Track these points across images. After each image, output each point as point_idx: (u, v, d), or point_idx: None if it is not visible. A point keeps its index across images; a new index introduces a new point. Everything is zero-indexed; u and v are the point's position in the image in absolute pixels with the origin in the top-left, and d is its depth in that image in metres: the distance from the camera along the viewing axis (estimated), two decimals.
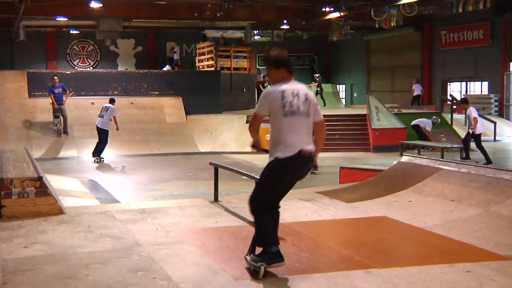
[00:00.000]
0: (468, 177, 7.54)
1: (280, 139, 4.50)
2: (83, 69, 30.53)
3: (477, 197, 7.02)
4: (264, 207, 4.57)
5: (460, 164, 8.21)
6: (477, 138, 15.03)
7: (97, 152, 16.70)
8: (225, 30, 29.24)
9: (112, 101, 17.12)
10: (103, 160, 16.55)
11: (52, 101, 18.63)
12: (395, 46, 30.58)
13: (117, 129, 16.74)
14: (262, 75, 25.72)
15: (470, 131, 15.10)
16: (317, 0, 21.44)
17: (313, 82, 26.91)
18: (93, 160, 16.57)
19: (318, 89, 26.44)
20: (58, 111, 18.66)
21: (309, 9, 23.27)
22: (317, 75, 28.12)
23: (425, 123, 18.34)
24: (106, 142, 16.74)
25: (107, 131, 16.70)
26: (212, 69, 23.65)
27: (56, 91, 18.63)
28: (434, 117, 18.93)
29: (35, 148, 17.46)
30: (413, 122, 18.53)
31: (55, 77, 18.88)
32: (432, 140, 17.93)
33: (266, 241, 4.55)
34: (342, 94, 35.39)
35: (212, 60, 23.99)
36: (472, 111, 14.97)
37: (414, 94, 26.87)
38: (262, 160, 7.95)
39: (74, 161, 16.97)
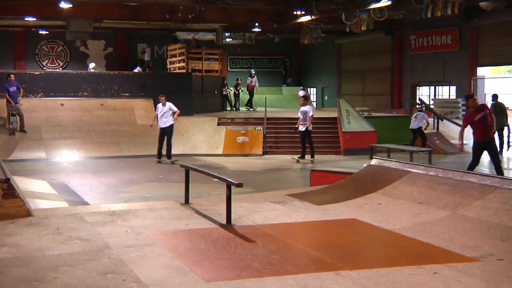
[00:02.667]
0: (436, 180, 7.65)
1: None
2: (52, 70, 30.18)
3: (445, 200, 7.13)
4: None
5: (429, 167, 8.33)
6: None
7: (170, 153, 16.46)
8: (197, 32, 29.19)
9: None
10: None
11: (8, 99, 18.32)
12: (366, 50, 30.86)
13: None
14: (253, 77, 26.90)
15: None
16: (289, 3, 21.52)
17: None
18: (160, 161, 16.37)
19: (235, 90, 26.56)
20: (15, 110, 18.36)
21: (281, 12, 23.34)
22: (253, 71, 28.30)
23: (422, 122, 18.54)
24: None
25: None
26: (184, 71, 23.56)
27: (11, 89, 18.34)
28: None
29: None
30: (414, 126, 18.60)
31: (11, 76, 18.59)
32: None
33: None
34: (313, 97, 35.59)
35: (184, 62, 23.92)
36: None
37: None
38: (233, 163, 7.96)
39: (42, 163, 16.75)
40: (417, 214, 6.97)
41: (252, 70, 28.86)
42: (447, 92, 26.27)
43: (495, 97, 18.70)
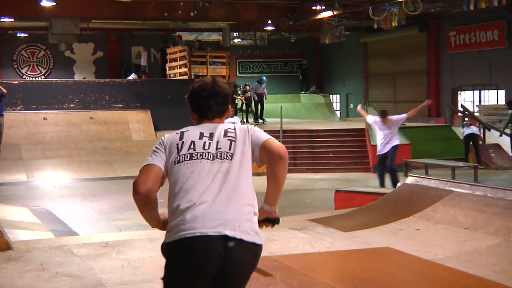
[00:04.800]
0: (484, 201, 7.59)
1: None
2: (33, 79, 30.39)
3: (495, 224, 7.07)
4: None
5: (475, 185, 8.28)
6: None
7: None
8: (200, 32, 29.33)
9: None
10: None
11: None
12: (397, 50, 30.84)
13: None
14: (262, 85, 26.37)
15: None
16: None
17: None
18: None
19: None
20: None
21: (298, 8, 23.44)
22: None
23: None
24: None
25: None
26: (186, 77, 23.67)
27: None
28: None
29: None
30: (468, 132, 18.54)
31: None
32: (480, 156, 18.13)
33: None
34: (336, 106, 35.59)
35: (186, 67, 24.03)
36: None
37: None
38: None
39: (22, 187, 16.81)
40: (463, 242, 6.92)
41: (264, 78, 27.39)
42: (494, 97, 26.16)
43: (510, 104, 18.65)
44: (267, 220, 3.58)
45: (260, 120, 26.09)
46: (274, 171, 3.49)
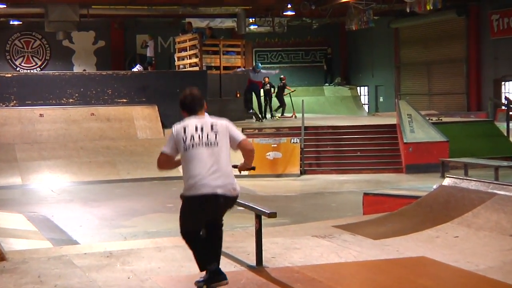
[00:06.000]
0: None
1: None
2: (28, 71, 30.56)
3: None
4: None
5: None
6: None
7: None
8: (212, 18, 29.36)
9: None
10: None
11: None
12: (433, 36, 30.70)
13: None
14: (258, 72, 24.95)
15: None
16: None
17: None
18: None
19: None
20: None
21: None
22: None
23: None
24: None
25: None
26: (196, 68, 23.69)
27: None
28: None
29: None
30: None
31: None
32: None
33: (200, 264, 6.00)
34: (364, 99, 35.50)
35: (196, 57, 24.05)
36: None
37: None
38: (262, 186, 8.00)
39: (17, 191, 16.91)
40: (508, 250, 6.89)
41: (259, 64, 25.29)
42: None
43: None
44: (247, 169, 6.25)
45: (259, 116, 24.38)
46: (249, 158, 6.17)
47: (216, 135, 5.92)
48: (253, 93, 24.42)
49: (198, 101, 6.14)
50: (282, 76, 26.93)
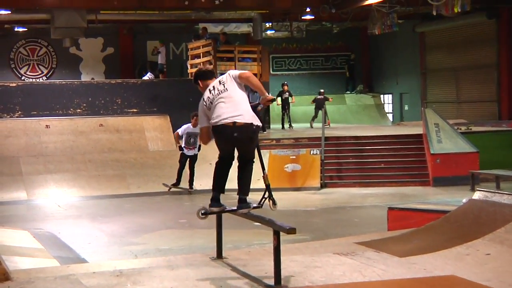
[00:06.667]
0: None
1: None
2: (34, 80, 30.76)
3: None
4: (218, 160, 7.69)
5: None
6: None
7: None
8: (227, 23, 29.44)
9: None
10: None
11: None
12: (461, 40, 30.62)
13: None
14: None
15: None
16: None
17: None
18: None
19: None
20: None
21: None
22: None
23: None
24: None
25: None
26: None
27: None
28: None
29: None
30: None
31: None
32: None
33: (213, 185, 7.67)
34: (388, 108, 35.43)
35: (210, 64, 24.11)
36: None
37: None
38: (280, 200, 8.01)
39: (22, 207, 16.99)
40: None
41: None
42: None
43: None
44: (269, 101, 7.70)
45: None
46: (254, 86, 7.55)
47: (224, 84, 7.45)
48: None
49: (208, 72, 7.92)
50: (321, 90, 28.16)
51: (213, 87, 7.53)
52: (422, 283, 6.82)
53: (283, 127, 26.17)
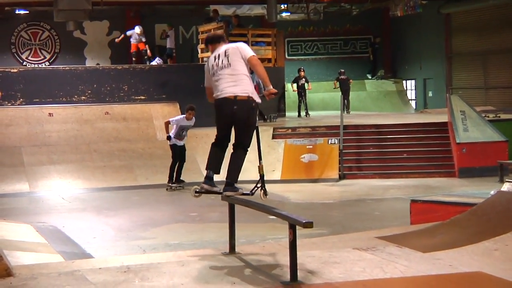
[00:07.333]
0: None
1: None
2: (36, 66, 30.83)
3: None
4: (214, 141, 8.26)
5: None
6: None
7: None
8: (239, 5, 29.41)
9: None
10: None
11: None
12: (489, 22, 30.45)
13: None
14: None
15: None
16: None
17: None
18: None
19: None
20: None
21: None
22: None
23: None
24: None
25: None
26: None
27: None
28: None
29: None
30: None
31: None
32: None
33: (206, 164, 8.19)
34: (411, 94, 35.32)
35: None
36: None
37: None
38: (296, 192, 8.04)
39: (24, 199, 17.07)
40: None
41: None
42: None
43: None
44: (272, 94, 8.04)
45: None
46: (260, 76, 8.01)
47: (228, 58, 7.99)
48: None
49: (217, 36, 8.54)
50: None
51: (218, 55, 8.11)
52: (448, 280, 6.81)
53: (299, 115, 26.14)
